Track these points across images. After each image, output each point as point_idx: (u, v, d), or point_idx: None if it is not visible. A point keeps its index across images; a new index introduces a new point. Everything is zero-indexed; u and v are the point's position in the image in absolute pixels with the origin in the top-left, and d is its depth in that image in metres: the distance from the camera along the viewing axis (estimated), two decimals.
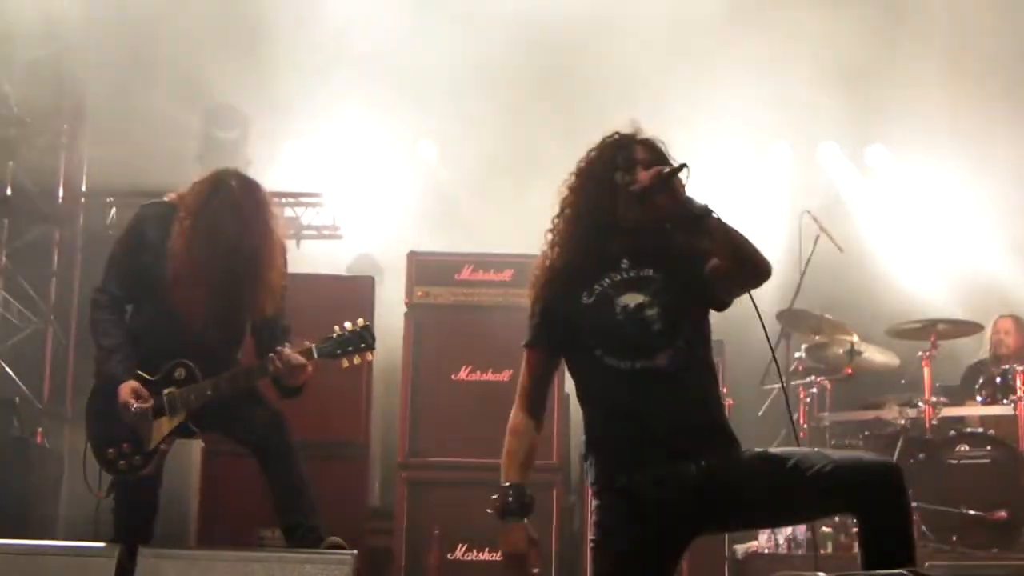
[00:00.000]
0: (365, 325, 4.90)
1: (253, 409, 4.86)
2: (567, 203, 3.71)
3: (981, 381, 7.37)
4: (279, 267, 4.89)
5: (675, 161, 3.61)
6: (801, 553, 6.44)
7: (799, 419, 7.34)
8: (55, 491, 7.23)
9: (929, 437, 6.98)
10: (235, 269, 4.77)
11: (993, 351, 7.82)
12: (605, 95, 8.48)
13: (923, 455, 6.91)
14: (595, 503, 3.61)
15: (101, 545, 4.46)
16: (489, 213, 9.14)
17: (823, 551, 6.45)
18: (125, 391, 4.74)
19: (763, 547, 6.60)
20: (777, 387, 7.14)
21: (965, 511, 6.62)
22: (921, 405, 7.10)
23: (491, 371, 6.39)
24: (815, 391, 7.37)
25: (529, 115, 8.73)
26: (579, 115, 7.94)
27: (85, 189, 9.08)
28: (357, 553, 4.49)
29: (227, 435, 5.06)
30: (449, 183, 9.57)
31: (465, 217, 9.31)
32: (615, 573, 3.51)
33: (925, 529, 6.57)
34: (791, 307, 7.42)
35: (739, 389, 7.16)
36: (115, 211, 8.70)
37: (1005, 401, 7.09)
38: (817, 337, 7.59)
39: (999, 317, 7.96)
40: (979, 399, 7.29)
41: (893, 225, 9.52)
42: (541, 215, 3.78)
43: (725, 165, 9.52)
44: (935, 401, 7.08)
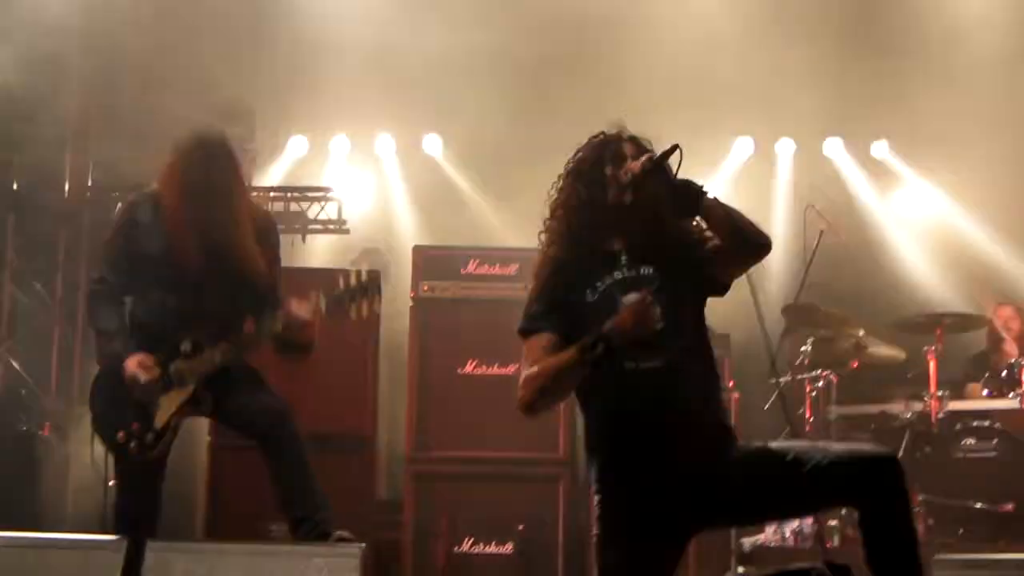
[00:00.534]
0: (370, 272, 4.85)
1: (259, 400, 4.82)
2: (558, 203, 3.69)
3: (987, 375, 7.37)
4: (248, 225, 4.82)
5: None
6: (808, 546, 6.43)
7: (806, 413, 7.34)
8: (62, 484, 7.23)
9: (935, 431, 6.98)
10: (215, 222, 4.76)
11: (995, 337, 7.82)
12: (612, 89, 8.48)
13: (929, 448, 6.91)
14: (597, 498, 3.61)
15: (109, 538, 4.47)
16: (495, 207, 9.16)
17: (830, 544, 6.45)
18: (132, 363, 4.68)
19: (770, 540, 6.58)
20: (784, 380, 7.13)
21: (972, 504, 6.62)
22: (927, 399, 7.10)
23: (497, 365, 6.39)
24: (821, 385, 7.36)
25: (536, 108, 8.74)
26: (586, 108, 7.94)
27: (91, 184, 9.08)
28: (364, 546, 4.51)
29: (232, 426, 5.05)
30: (455, 177, 9.57)
31: (471, 211, 9.32)
32: (618, 568, 3.52)
33: (932, 522, 6.57)
34: (796, 301, 7.41)
35: (746, 382, 7.14)
36: (121, 206, 8.69)
37: (1012, 395, 7.09)
38: (823, 331, 7.58)
39: (999, 304, 7.96)
40: (985, 392, 7.29)
41: (898, 218, 9.50)
42: (546, 209, 3.75)
43: (730, 160, 9.53)
44: (941, 395, 7.07)
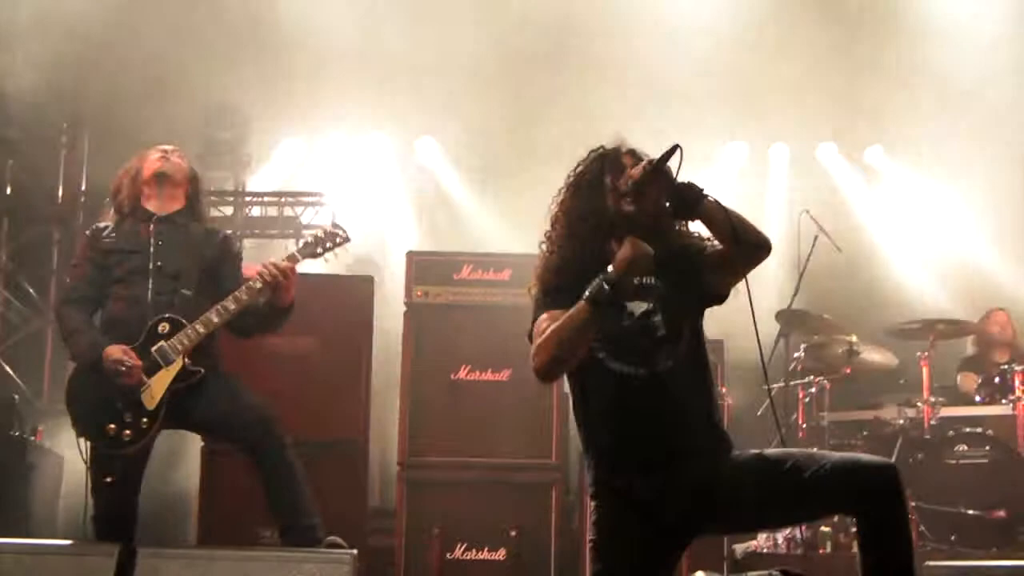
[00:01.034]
0: (334, 223, 5.08)
1: (242, 407, 4.83)
2: (560, 214, 3.68)
3: (980, 381, 7.38)
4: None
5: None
6: (800, 552, 6.43)
7: (799, 419, 7.35)
8: (55, 490, 7.22)
9: (928, 437, 6.98)
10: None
11: (985, 343, 7.84)
12: (607, 95, 8.48)
13: (922, 455, 6.91)
14: (593, 504, 3.61)
15: (101, 544, 4.48)
16: (488, 213, 9.17)
17: (822, 550, 6.45)
18: (113, 351, 4.68)
19: (762, 546, 6.58)
20: (777, 386, 7.14)
21: (964, 511, 6.61)
22: (920, 405, 7.11)
23: (490, 371, 6.38)
24: (814, 391, 7.36)
25: (530, 114, 8.74)
26: (580, 114, 7.96)
27: (84, 188, 9.08)
28: (357, 552, 4.51)
29: (219, 435, 5.04)
30: (448, 182, 9.57)
31: (464, 217, 9.33)
32: (613, 574, 3.51)
33: (924, 529, 6.57)
34: (790, 307, 7.41)
35: (739, 389, 7.15)
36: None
37: (1004, 401, 7.10)
38: (816, 337, 7.58)
39: (994, 310, 7.98)
40: (978, 399, 7.30)
41: (892, 225, 9.52)
42: (541, 215, 3.75)
43: (724, 165, 9.54)
44: (934, 401, 7.08)
